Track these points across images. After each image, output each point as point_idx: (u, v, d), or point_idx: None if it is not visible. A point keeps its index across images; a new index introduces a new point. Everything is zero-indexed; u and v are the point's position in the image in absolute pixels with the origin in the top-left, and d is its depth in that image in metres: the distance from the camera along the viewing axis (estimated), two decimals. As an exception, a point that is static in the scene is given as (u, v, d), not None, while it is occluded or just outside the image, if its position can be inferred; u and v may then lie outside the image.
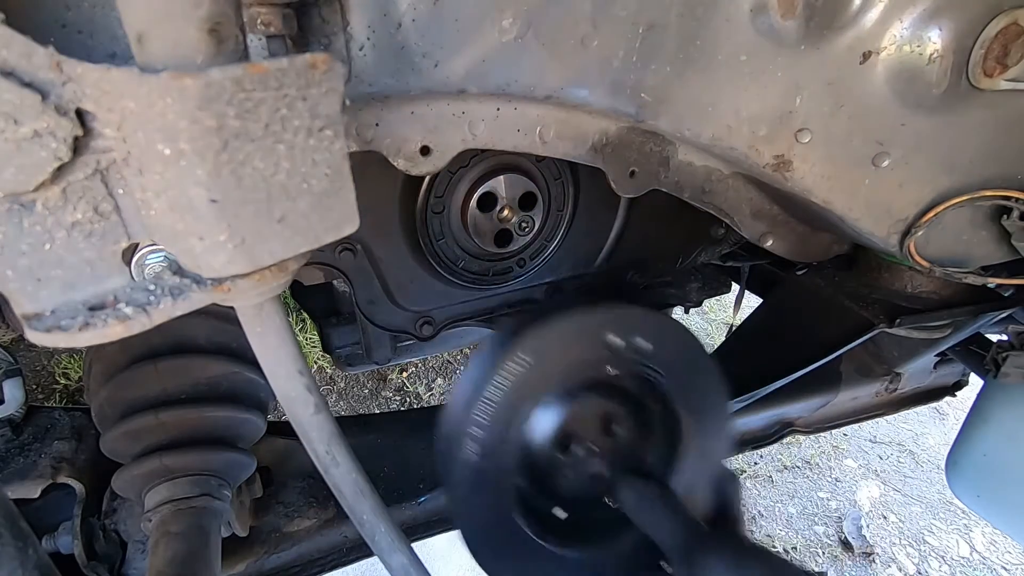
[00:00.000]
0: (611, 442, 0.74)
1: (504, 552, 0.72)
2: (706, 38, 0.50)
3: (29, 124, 0.27)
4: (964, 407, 1.29)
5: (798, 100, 0.55)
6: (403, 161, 0.53)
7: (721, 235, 1.06)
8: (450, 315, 0.99)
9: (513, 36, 0.47)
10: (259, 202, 0.29)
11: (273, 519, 1.01)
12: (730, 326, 2.08)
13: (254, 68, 0.27)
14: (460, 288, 0.94)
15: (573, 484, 0.74)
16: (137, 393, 0.79)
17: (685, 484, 0.77)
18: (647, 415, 0.76)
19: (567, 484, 0.74)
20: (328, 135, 0.31)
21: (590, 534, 0.77)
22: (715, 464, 0.80)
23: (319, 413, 0.43)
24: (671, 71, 0.52)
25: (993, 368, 0.99)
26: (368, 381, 2.73)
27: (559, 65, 0.49)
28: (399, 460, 1.14)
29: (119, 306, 0.31)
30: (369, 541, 0.50)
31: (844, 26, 0.51)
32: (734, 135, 0.56)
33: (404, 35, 0.45)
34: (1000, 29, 0.52)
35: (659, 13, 0.48)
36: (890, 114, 0.57)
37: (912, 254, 0.66)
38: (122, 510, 0.88)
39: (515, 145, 0.56)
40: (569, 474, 0.73)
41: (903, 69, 0.54)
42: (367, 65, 0.45)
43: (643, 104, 0.53)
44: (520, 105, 0.54)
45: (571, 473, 0.73)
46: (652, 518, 0.69)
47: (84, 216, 0.30)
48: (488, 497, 0.68)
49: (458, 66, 0.47)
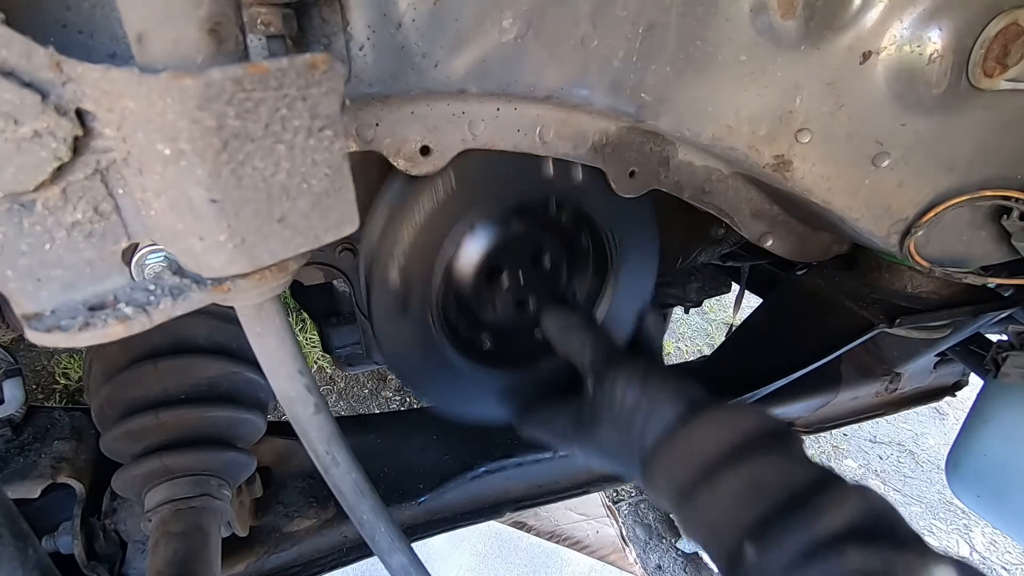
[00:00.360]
0: (539, 273, 0.77)
1: (431, 375, 0.74)
2: (706, 38, 0.50)
3: (29, 124, 0.27)
4: (964, 407, 1.29)
5: (798, 100, 0.55)
6: (403, 161, 0.53)
7: (721, 235, 1.06)
8: (450, 315, 0.99)
9: (513, 36, 0.47)
10: (259, 202, 0.29)
11: (273, 519, 1.01)
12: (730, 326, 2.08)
13: (254, 68, 0.27)
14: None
15: (499, 313, 0.76)
16: (137, 393, 0.79)
17: (610, 318, 0.82)
18: (577, 250, 0.79)
19: (492, 313, 0.76)
20: (328, 135, 0.31)
21: (514, 360, 0.80)
22: (641, 302, 0.83)
23: (319, 413, 0.43)
24: (671, 71, 0.52)
25: (993, 368, 0.99)
26: (368, 381, 2.73)
27: (559, 65, 0.49)
28: (399, 460, 1.14)
29: (119, 306, 0.31)
30: (369, 541, 0.50)
31: (844, 26, 0.51)
32: (734, 135, 0.56)
33: (404, 35, 0.45)
34: (1000, 29, 0.52)
35: (659, 13, 0.48)
36: (890, 114, 0.57)
37: (912, 254, 0.66)
38: (122, 510, 0.87)
39: (515, 145, 0.56)
40: (496, 302, 0.76)
41: (903, 69, 0.54)
42: (367, 65, 0.45)
43: (643, 104, 0.53)
44: (520, 105, 0.54)
45: (498, 301, 0.76)
46: (572, 342, 0.72)
47: (84, 216, 0.30)
48: (413, 323, 0.69)
49: (458, 66, 0.47)
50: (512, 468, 1.16)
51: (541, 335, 0.77)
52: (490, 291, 0.74)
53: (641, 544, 2.28)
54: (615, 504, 2.35)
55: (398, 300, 0.66)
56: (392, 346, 0.69)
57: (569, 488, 1.21)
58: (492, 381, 0.79)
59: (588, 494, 1.24)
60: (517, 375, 0.81)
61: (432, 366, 0.73)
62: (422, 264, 0.65)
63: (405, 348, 0.70)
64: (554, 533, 2.08)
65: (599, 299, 0.81)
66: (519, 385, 0.81)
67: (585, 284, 0.81)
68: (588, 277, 0.80)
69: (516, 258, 0.73)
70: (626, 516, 2.36)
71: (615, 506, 2.32)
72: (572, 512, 2.16)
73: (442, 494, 1.10)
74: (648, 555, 2.25)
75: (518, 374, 0.81)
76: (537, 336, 0.79)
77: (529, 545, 2.01)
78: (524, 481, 1.18)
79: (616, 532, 2.14)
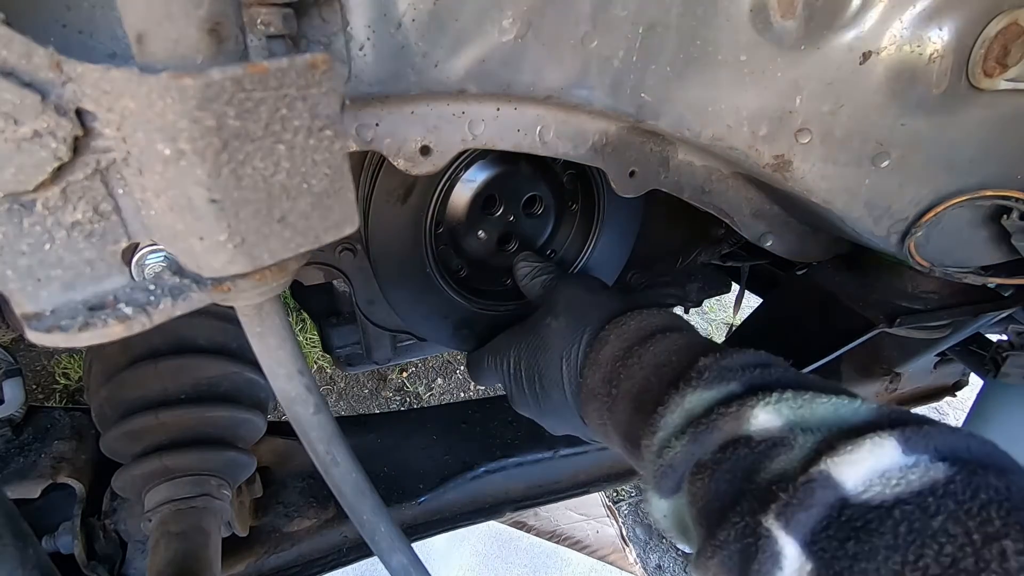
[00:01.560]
0: (528, 217, 0.84)
1: (405, 274, 0.78)
2: (706, 38, 0.50)
3: (29, 124, 0.27)
4: (964, 407, 1.29)
5: (798, 100, 0.55)
6: (403, 161, 0.53)
7: (721, 235, 1.06)
8: (450, 315, 0.99)
9: (513, 36, 0.47)
10: (259, 202, 0.29)
11: (273, 519, 1.01)
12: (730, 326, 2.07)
13: (254, 68, 0.27)
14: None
15: (483, 243, 0.82)
16: (137, 393, 0.79)
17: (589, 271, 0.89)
18: (566, 205, 0.86)
19: (476, 241, 0.82)
20: (328, 135, 0.31)
21: (482, 295, 0.86)
22: (618, 264, 0.91)
23: (319, 413, 0.43)
24: (671, 71, 0.52)
25: (993, 368, 0.99)
26: (368, 381, 2.73)
27: (559, 65, 0.49)
28: (399, 460, 1.14)
29: (119, 306, 0.31)
30: (369, 541, 0.50)
31: (844, 26, 0.51)
32: (734, 135, 0.56)
33: (404, 35, 0.45)
34: (1000, 29, 0.52)
35: (659, 13, 0.48)
36: (890, 114, 0.57)
37: (912, 254, 0.66)
38: (122, 510, 0.87)
39: (515, 145, 0.56)
40: (483, 231, 0.82)
41: (903, 69, 0.54)
42: (367, 65, 0.45)
43: (643, 104, 0.53)
44: (520, 105, 0.54)
45: (484, 232, 0.82)
46: (538, 289, 0.77)
47: (84, 216, 0.30)
48: (408, 215, 0.73)
49: (458, 66, 0.47)
50: (512, 468, 1.16)
51: (511, 282, 0.82)
52: (481, 217, 0.80)
53: (641, 544, 2.28)
54: (615, 504, 2.35)
55: (404, 186, 0.69)
56: (381, 230, 0.73)
57: (569, 488, 1.21)
58: (454, 308, 0.84)
59: (588, 494, 1.24)
60: (479, 312, 0.85)
61: (409, 265, 0.76)
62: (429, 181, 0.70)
63: (392, 236, 0.73)
64: (554, 533, 2.08)
65: (579, 256, 0.88)
66: (476, 321, 0.86)
67: (565, 241, 0.88)
68: (571, 234, 0.87)
69: (513, 195, 0.79)
70: (626, 516, 2.37)
71: (615, 506, 2.32)
72: (572, 512, 2.16)
73: (442, 494, 1.10)
74: (648, 555, 2.25)
75: (481, 311, 0.85)
76: (508, 283, 0.86)
77: (529, 545, 2.02)
78: (524, 481, 1.19)
79: (616, 532, 2.15)
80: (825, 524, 0.36)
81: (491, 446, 1.17)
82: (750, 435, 0.44)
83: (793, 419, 0.43)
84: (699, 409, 0.49)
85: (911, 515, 0.33)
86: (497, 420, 1.24)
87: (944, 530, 0.32)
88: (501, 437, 1.20)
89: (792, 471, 0.40)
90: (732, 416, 0.46)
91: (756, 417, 0.44)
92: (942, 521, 0.32)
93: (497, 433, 1.20)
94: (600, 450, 1.21)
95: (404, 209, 0.72)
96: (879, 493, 0.35)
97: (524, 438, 1.19)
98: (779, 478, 0.40)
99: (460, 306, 0.84)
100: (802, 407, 0.44)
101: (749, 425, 0.45)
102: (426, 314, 0.83)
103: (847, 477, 0.36)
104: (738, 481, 0.43)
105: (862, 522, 0.34)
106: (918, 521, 0.33)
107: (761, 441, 0.43)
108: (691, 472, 0.47)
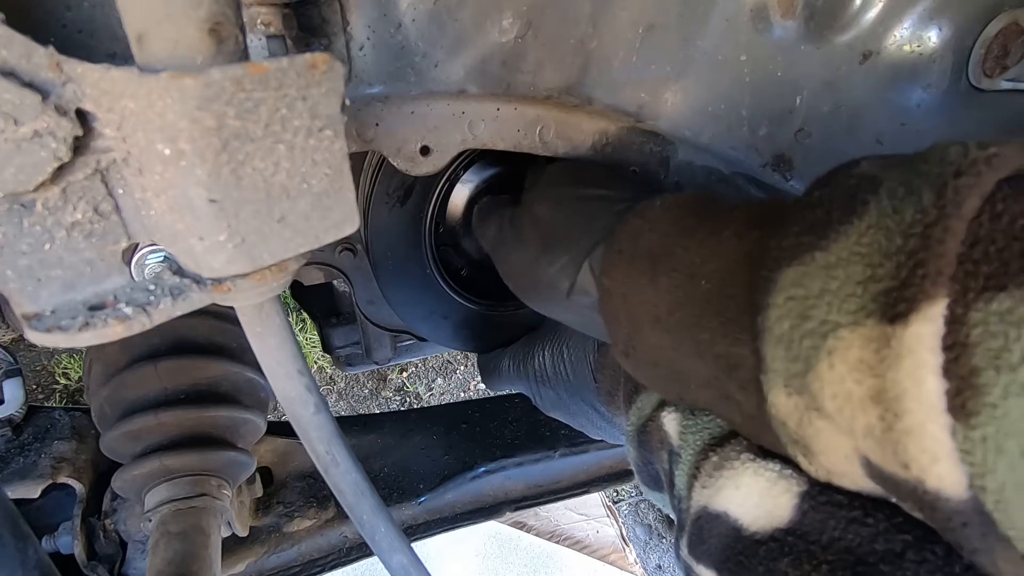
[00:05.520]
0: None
1: (404, 271, 0.78)
2: (706, 38, 0.50)
3: (29, 124, 0.27)
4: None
5: (798, 100, 0.55)
6: (403, 161, 0.53)
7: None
8: (450, 315, 0.99)
9: (513, 36, 0.47)
10: (259, 202, 0.29)
11: (273, 519, 1.01)
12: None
13: (254, 68, 0.27)
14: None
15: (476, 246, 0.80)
16: (137, 393, 0.79)
17: None
18: None
19: (473, 244, 0.80)
20: (328, 135, 0.31)
21: (482, 296, 0.85)
22: None
23: (319, 413, 0.43)
24: (671, 71, 0.52)
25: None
26: (368, 381, 2.73)
27: (559, 65, 0.49)
28: (399, 460, 1.14)
29: (119, 306, 0.31)
30: (369, 541, 0.50)
31: (844, 26, 0.51)
32: (734, 135, 0.56)
33: (404, 35, 0.45)
34: (1000, 29, 0.53)
35: (659, 13, 0.48)
36: (890, 114, 0.57)
37: (912, 254, 0.66)
38: (122, 510, 0.87)
39: (515, 145, 0.56)
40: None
41: (903, 69, 0.54)
42: (367, 65, 0.45)
43: (643, 104, 0.53)
44: (520, 105, 0.54)
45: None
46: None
47: (84, 216, 0.30)
48: (408, 214, 0.73)
49: (458, 66, 0.47)
50: (512, 468, 1.16)
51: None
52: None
53: (641, 544, 2.28)
54: (615, 504, 2.35)
55: (404, 186, 0.69)
56: (381, 230, 0.72)
57: (569, 488, 1.21)
58: (454, 308, 0.83)
59: (588, 494, 1.24)
60: (479, 312, 0.84)
61: (409, 265, 0.76)
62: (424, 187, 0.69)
63: (392, 236, 0.73)
64: (554, 533, 2.08)
65: None
66: (476, 321, 0.85)
67: None
68: None
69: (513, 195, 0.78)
70: (626, 516, 2.36)
71: (615, 506, 2.32)
72: (572, 512, 2.16)
73: (442, 494, 1.10)
74: (648, 555, 2.25)
75: (481, 311, 0.84)
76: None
77: (529, 545, 2.01)
78: (524, 481, 1.18)
79: (616, 532, 2.14)
80: (727, 556, 0.37)
81: (491, 446, 1.17)
82: (670, 444, 0.47)
83: (679, 428, 0.46)
84: (648, 410, 0.51)
85: (795, 546, 0.34)
86: (497, 420, 1.24)
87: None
88: (501, 437, 1.19)
89: (684, 492, 0.43)
90: (656, 426, 0.49)
91: (667, 425, 0.47)
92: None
93: (497, 433, 1.20)
94: (600, 450, 1.21)
95: (404, 209, 0.72)
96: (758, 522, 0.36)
97: (524, 438, 1.19)
98: (678, 498, 0.44)
99: (460, 306, 0.84)
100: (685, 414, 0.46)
101: (665, 434, 0.47)
102: (426, 314, 0.83)
103: (726, 506, 0.38)
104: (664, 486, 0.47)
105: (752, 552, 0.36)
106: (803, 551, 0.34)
107: (673, 452, 0.46)
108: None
